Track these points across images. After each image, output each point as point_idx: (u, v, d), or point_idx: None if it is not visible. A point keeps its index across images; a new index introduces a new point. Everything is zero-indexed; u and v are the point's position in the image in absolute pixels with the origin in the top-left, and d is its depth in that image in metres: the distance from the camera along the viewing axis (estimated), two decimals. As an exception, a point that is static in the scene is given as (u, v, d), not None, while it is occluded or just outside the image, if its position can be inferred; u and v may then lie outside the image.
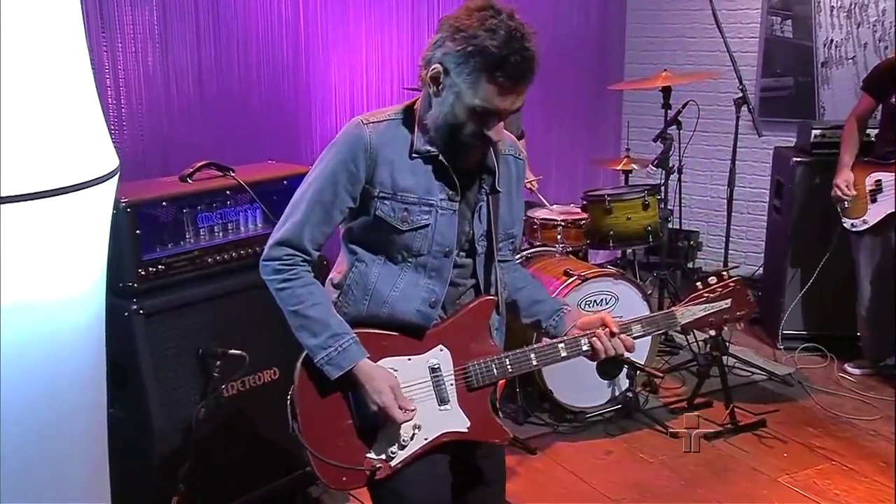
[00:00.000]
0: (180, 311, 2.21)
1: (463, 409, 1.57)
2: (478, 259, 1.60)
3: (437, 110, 1.46)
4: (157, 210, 2.17)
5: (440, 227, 1.53)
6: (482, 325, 1.60)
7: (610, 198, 3.44)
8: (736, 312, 1.66)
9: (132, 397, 2.18)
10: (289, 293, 1.51)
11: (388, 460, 1.53)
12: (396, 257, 1.54)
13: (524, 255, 3.47)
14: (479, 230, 1.58)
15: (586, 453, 2.98)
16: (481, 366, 1.58)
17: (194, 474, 2.16)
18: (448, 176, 1.52)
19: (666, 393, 3.45)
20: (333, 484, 1.52)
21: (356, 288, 1.56)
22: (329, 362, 1.49)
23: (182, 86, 3.09)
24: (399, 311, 1.54)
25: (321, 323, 1.50)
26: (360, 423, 1.53)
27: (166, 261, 2.19)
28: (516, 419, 3.15)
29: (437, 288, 1.55)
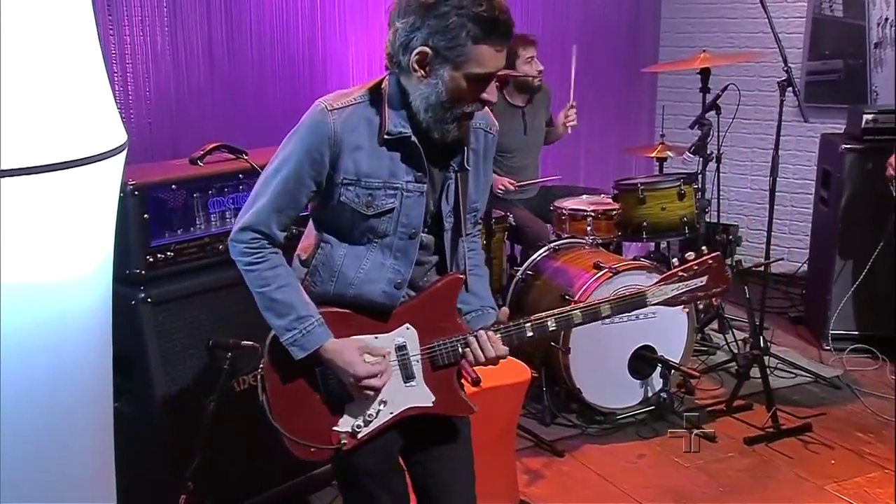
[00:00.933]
0: (190, 300, 2.21)
1: (428, 385, 1.66)
2: (445, 235, 1.66)
3: (428, 90, 1.51)
4: (167, 194, 2.18)
5: (406, 209, 1.59)
6: (449, 303, 1.67)
7: (643, 186, 3.40)
8: (712, 289, 1.68)
9: (139, 391, 2.19)
10: (255, 275, 1.59)
11: (354, 434, 1.63)
12: (361, 240, 1.61)
13: (552, 247, 3.44)
14: (446, 208, 1.65)
15: (617, 456, 2.96)
16: (447, 345, 1.65)
17: (203, 472, 2.16)
18: (416, 157, 1.57)
19: (702, 394, 3.41)
20: (303, 456, 1.63)
21: (322, 269, 1.63)
22: (294, 343, 1.58)
23: (192, 68, 3.10)
24: (365, 292, 1.61)
25: (286, 305, 1.58)
26: (326, 399, 1.63)
27: (175, 247, 2.19)
28: (543, 420, 3.14)
29: (403, 269, 1.62)
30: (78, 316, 1.44)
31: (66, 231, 1.33)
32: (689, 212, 3.42)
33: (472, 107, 1.53)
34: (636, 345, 3.19)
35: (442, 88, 1.50)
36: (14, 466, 1.36)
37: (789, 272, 4.65)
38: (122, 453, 1.77)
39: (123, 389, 2.18)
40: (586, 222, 3.50)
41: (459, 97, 1.51)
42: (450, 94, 1.50)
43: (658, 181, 3.50)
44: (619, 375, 3.19)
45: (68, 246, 1.35)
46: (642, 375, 3.23)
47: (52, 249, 1.32)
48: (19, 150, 1.20)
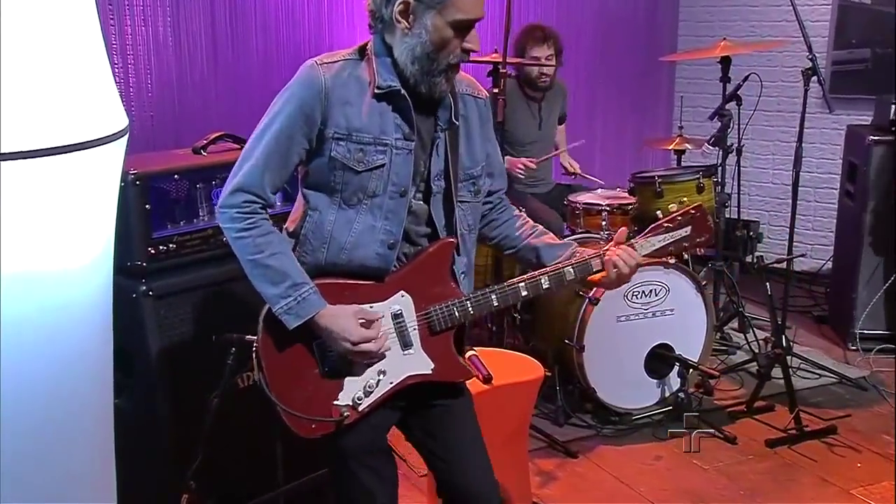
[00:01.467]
0: (193, 293, 2.22)
1: (426, 351, 1.69)
2: (433, 200, 1.69)
3: (413, 41, 1.57)
4: (169, 184, 2.18)
5: (395, 166, 1.62)
6: (443, 268, 1.70)
7: (661, 179, 3.39)
8: (696, 239, 1.76)
9: (140, 387, 2.19)
10: (247, 242, 1.60)
11: (356, 406, 1.65)
12: (352, 199, 1.63)
13: (566, 242, 3.43)
14: (435, 168, 1.68)
15: (633, 458, 2.95)
16: (443, 309, 1.69)
17: (206, 471, 2.16)
18: (406, 113, 1.61)
19: (722, 395, 3.39)
20: (303, 432, 1.64)
21: (313, 237, 1.65)
22: (288, 311, 1.59)
23: (195, 59, 3.11)
24: (358, 255, 1.63)
25: (281, 272, 1.59)
26: (325, 372, 1.65)
27: (178, 239, 2.19)
28: (556, 420, 3.13)
29: (395, 228, 1.64)
30: (78, 307, 1.44)
31: (66, 218, 1.33)
32: (709, 206, 3.40)
33: (456, 56, 1.58)
34: (653, 343, 3.18)
35: (427, 38, 1.55)
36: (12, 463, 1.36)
37: (812, 270, 4.62)
38: (122, 451, 1.77)
39: (124, 385, 2.18)
40: (601, 217, 3.49)
41: (443, 45, 1.56)
42: (434, 43, 1.56)
43: (676, 174, 3.49)
44: (636, 374, 3.18)
45: (68, 234, 1.35)
46: (659, 375, 3.22)
47: (52, 237, 1.32)
48: (18, 133, 1.20)
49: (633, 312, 3.14)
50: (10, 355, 1.31)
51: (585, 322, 3.04)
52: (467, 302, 1.69)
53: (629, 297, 3.12)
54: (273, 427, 2.32)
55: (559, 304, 3.23)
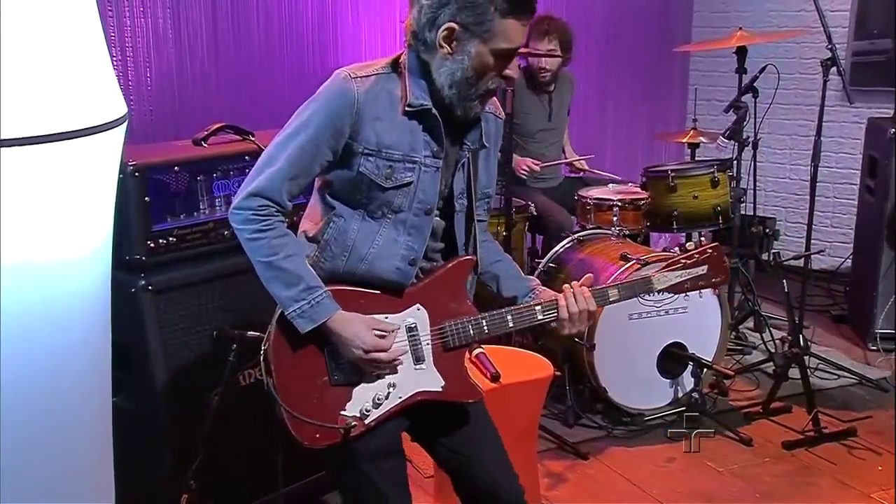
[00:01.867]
0: (193, 288, 2.22)
1: (438, 368, 1.70)
2: (456, 217, 1.73)
3: (454, 66, 1.60)
4: (169, 176, 2.19)
5: (423, 184, 1.65)
6: (460, 285, 1.74)
7: (674, 173, 3.38)
8: (712, 279, 1.82)
9: (139, 384, 2.20)
10: (261, 244, 1.61)
11: (363, 418, 1.66)
12: (376, 213, 1.66)
13: (576, 239, 3.43)
14: (458, 188, 1.72)
15: (645, 459, 2.95)
16: (458, 326, 1.71)
17: (207, 471, 2.18)
18: (436, 131, 1.64)
19: (737, 396, 3.39)
20: (307, 441, 1.64)
21: (334, 244, 1.67)
22: (301, 315, 1.60)
23: (195, 51, 3.12)
24: (377, 268, 1.66)
25: (295, 275, 1.60)
26: (335, 381, 1.66)
27: (178, 232, 2.20)
28: (566, 421, 3.13)
29: (417, 245, 1.67)
30: (76, 300, 1.45)
31: (65, 208, 1.34)
32: (723, 201, 3.40)
33: (495, 82, 1.62)
34: (666, 342, 3.18)
35: (468, 64, 1.58)
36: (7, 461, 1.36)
37: (831, 268, 4.60)
38: (120, 450, 1.77)
39: (122, 383, 2.19)
40: (612, 212, 3.49)
41: (484, 72, 1.59)
42: (475, 69, 1.59)
43: (690, 168, 3.48)
44: (648, 374, 3.18)
45: (67, 224, 1.36)
46: (672, 374, 3.22)
47: (50, 227, 1.33)
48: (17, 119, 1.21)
49: (646, 310, 3.14)
50: (7, 349, 1.32)
51: (596, 320, 3.02)
52: (483, 321, 1.70)
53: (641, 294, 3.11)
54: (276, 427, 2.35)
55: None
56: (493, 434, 1.82)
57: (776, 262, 3.26)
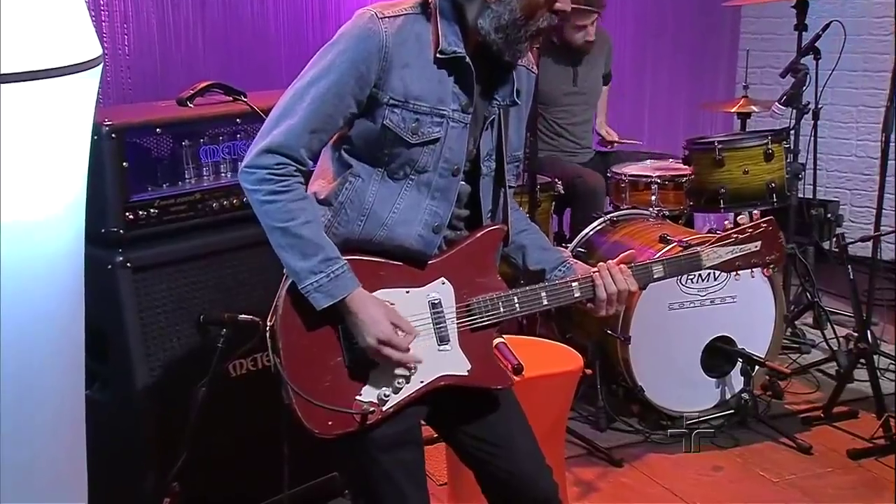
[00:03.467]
0: (177, 266, 2.24)
1: (464, 350, 1.70)
2: (482, 182, 1.73)
3: (501, 9, 1.61)
4: (150, 139, 2.20)
5: (450, 140, 1.65)
6: (489, 257, 1.74)
7: (721, 146, 3.37)
8: (766, 257, 1.83)
9: (115, 374, 2.22)
10: (278, 207, 1.60)
11: (381, 404, 1.65)
12: (398, 173, 1.66)
13: (609, 219, 3.42)
14: (485, 148, 1.72)
15: (688, 468, 2.94)
16: (486, 303, 1.71)
17: (191, 472, 2.19)
18: (467, 83, 1.65)
19: (794, 399, 3.38)
20: (318, 428, 1.63)
21: (350, 207, 1.66)
22: (318, 289, 1.59)
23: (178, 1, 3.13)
24: (398, 234, 1.66)
25: (314, 244, 1.60)
26: (350, 362, 1.65)
27: (160, 203, 2.22)
28: (597, 424, 3.13)
29: (442, 210, 1.68)
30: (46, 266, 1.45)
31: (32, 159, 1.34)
32: (778, 176, 3.38)
33: (546, 20, 1.62)
34: (711, 335, 3.17)
35: (515, 5, 1.60)
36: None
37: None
38: (94, 449, 1.78)
39: (97, 373, 2.22)
40: (651, 191, 3.48)
41: (534, 11, 1.60)
42: (524, 9, 1.60)
43: (740, 138, 3.47)
44: (691, 372, 3.17)
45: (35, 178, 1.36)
46: (718, 373, 3.21)
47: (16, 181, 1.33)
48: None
49: (688, 299, 3.13)
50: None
51: (631, 309, 3.03)
52: (514, 297, 1.71)
53: (683, 280, 3.11)
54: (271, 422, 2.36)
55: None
56: (524, 422, 1.82)
57: (840, 247, 3.24)
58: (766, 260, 1.83)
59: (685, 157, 3.54)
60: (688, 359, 3.17)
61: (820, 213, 4.37)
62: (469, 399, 1.76)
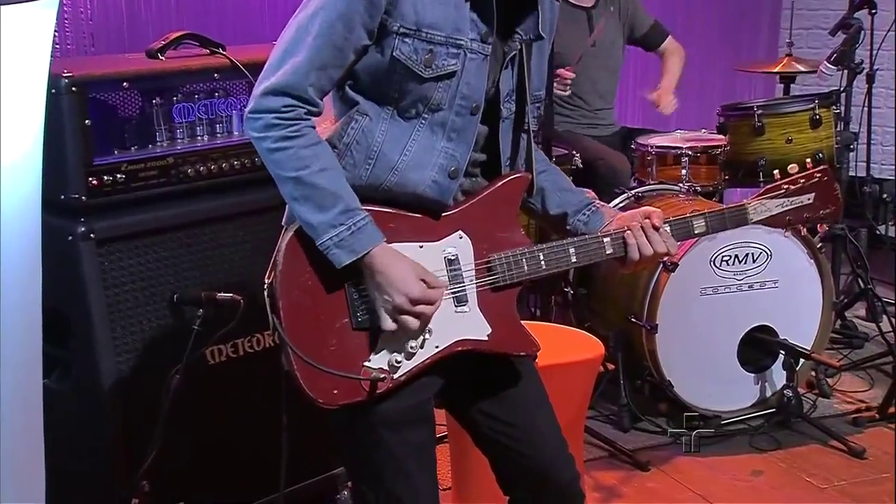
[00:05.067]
0: (148, 238, 2.25)
1: (484, 312, 1.72)
2: (502, 125, 1.74)
3: None
4: (116, 94, 2.21)
5: (468, 75, 1.66)
6: (511, 209, 1.76)
7: (761, 111, 3.40)
8: (819, 210, 1.85)
9: (77, 361, 2.23)
10: (289, 154, 1.61)
11: (392, 371, 1.67)
12: (410, 111, 1.67)
13: (633, 195, 3.44)
14: (506, 87, 1.73)
15: (723, 472, 2.96)
16: (509, 259, 1.72)
17: (163, 470, 2.21)
18: (486, 10, 1.66)
19: (843, 398, 3.39)
20: (322, 398, 1.64)
21: (356, 149, 1.67)
22: (339, 244, 1.61)
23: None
24: (410, 180, 1.67)
25: (331, 194, 1.61)
26: (357, 324, 1.66)
27: (128, 168, 2.22)
28: (620, 424, 3.15)
29: (459, 153, 1.69)
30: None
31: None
32: (826, 145, 3.41)
33: None
34: (749, 324, 3.19)
35: None
36: None
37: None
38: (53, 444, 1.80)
39: (56, 360, 2.23)
40: (681, 165, 3.50)
41: None
42: None
43: (782, 103, 3.51)
44: (726, 366, 3.19)
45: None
46: (757, 367, 3.23)
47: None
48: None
49: (723, 283, 3.15)
50: None
51: (658, 294, 3.05)
52: (539, 253, 1.73)
53: (717, 262, 3.13)
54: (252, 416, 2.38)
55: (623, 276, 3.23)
56: (546, 403, 1.84)
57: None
58: (820, 214, 1.85)
59: (720, 125, 3.57)
60: (723, 351, 3.18)
61: (874, 191, 4.39)
62: (487, 373, 1.78)
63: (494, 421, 1.80)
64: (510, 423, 1.79)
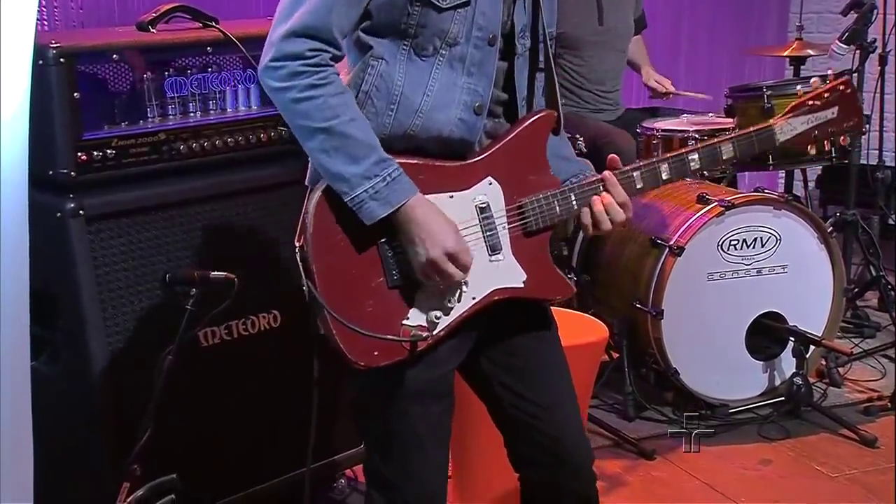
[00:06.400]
0: (140, 216, 2.26)
1: (518, 258, 1.74)
2: (517, 62, 1.74)
3: None
4: (106, 67, 2.22)
5: (482, 4, 1.67)
6: (539, 150, 1.76)
7: (771, 92, 3.40)
8: (843, 123, 1.90)
9: (67, 343, 2.24)
10: (318, 104, 1.58)
11: (431, 328, 1.68)
12: (427, 47, 1.66)
13: (639, 179, 3.44)
14: (520, 22, 1.74)
15: (731, 461, 2.98)
16: (541, 202, 1.74)
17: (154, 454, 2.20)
18: None
19: (854, 387, 3.41)
20: (363, 360, 1.65)
21: (376, 96, 1.67)
22: (375, 196, 1.60)
23: None
24: (436, 121, 1.67)
25: (365, 144, 1.60)
26: (392, 282, 1.68)
27: (119, 143, 2.23)
28: (625, 413, 3.17)
29: (481, 87, 1.70)
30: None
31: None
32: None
33: None
34: (757, 311, 3.20)
35: None
36: None
37: None
38: (41, 428, 1.80)
39: (45, 341, 2.23)
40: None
41: None
42: None
43: (792, 83, 3.51)
44: (734, 353, 3.20)
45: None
46: (766, 355, 3.24)
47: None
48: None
49: (731, 268, 3.16)
50: None
51: (664, 279, 3.06)
52: (571, 194, 1.74)
53: (725, 246, 3.13)
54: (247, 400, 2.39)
55: (628, 255, 3.26)
56: (570, 384, 1.86)
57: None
58: (844, 127, 1.89)
59: (728, 107, 3.57)
60: (730, 338, 3.20)
61: (887, 177, 4.39)
62: (514, 349, 1.80)
63: (519, 398, 1.80)
64: (535, 403, 1.80)
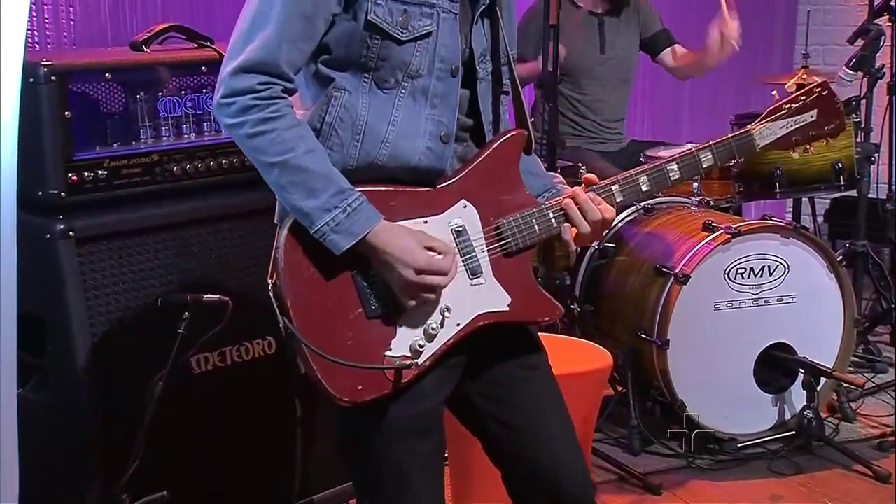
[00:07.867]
0: (131, 238, 2.28)
1: (500, 281, 1.75)
2: (480, 87, 1.77)
3: None
4: (98, 86, 2.25)
5: (443, 36, 1.69)
6: (512, 169, 1.78)
7: (777, 119, 3.41)
8: (824, 126, 1.92)
9: (55, 369, 2.24)
10: (271, 138, 1.60)
11: (415, 356, 1.68)
12: (388, 80, 1.68)
13: (641, 208, 3.47)
14: (479, 47, 1.77)
15: (740, 497, 2.97)
16: (518, 222, 1.75)
17: (145, 482, 2.21)
18: None
19: (868, 422, 3.41)
20: (347, 395, 1.63)
21: (341, 127, 1.68)
22: (336, 229, 1.61)
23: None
24: (403, 149, 1.69)
25: (321, 176, 1.62)
26: (371, 312, 1.67)
27: (110, 164, 2.25)
28: (630, 447, 3.16)
29: (446, 118, 1.72)
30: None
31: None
32: (846, 155, 3.44)
33: None
34: (766, 342, 3.21)
35: None
36: None
37: None
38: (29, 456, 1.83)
39: (33, 367, 2.24)
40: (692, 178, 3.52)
41: None
42: None
43: (798, 110, 3.52)
44: (742, 385, 3.20)
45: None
46: (775, 387, 3.24)
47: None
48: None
49: (739, 297, 3.17)
50: None
51: (670, 308, 3.07)
52: (549, 211, 1.75)
53: (732, 275, 3.15)
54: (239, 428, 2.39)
55: (632, 284, 3.28)
56: (563, 409, 1.84)
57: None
58: (826, 130, 1.92)
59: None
60: (738, 369, 3.20)
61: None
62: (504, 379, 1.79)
63: (506, 429, 1.80)
64: (523, 432, 1.79)
